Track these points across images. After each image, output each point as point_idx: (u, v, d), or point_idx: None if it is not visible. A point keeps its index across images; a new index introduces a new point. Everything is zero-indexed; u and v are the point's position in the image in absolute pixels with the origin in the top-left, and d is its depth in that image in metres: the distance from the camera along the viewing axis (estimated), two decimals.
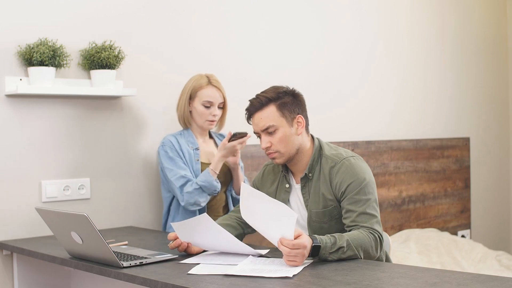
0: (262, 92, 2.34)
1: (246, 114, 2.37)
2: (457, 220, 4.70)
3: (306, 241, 1.99)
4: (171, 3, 3.31)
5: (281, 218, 1.99)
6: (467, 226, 4.78)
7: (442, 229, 4.54)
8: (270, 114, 2.29)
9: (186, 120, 3.01)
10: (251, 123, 2.36)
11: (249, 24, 3.64)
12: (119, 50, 2.99)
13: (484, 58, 4.95)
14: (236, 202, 3.03)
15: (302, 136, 2.34)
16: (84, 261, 2.24)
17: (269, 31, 3.72)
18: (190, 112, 3.00)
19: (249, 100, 2.36)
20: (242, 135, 2.82)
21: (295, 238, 1.98)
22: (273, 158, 2.33)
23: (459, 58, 4.77)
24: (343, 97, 4.07)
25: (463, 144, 4.74)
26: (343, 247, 2.08)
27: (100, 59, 2.91)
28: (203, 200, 2.85)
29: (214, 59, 3.47)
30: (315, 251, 2.03)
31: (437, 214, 4.55)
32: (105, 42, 2.99)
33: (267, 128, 2.29)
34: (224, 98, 3.00)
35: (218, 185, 2.85)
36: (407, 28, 4.44)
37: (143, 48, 3.21)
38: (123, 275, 2.04)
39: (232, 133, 2.83)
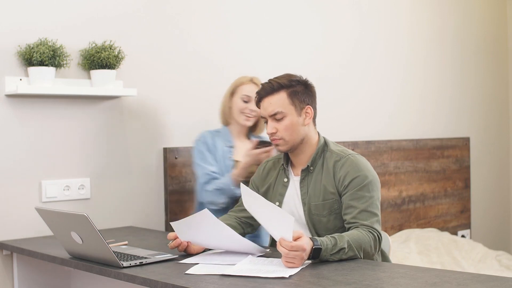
0: (275, 78, 2.33)
1: (256, 97, 2.35)
2: (457, 220, 4.70)
3: (306, 243, 1.98)
4: (171, 3, 3.31)
5: (279, 221, 2.00)
6: (467, 226, 4.78)
7: (442, 229, 4.54)
8: (279, 101, 2.28)
9: (227, 116, 3.01)
10: (260, 107, 2.34)
11: (249, 24, 3.64)
12: (119, 50, 2.99)
13: (484, 58, 4.95)
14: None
15: (309, 127, 2.34)
16: (84, 261, 2.24)
17: (269, 31, 3.72)
18: (230, 108, 2.99)
19: (261, 84, 2.34)
20: (268, 144, 2.75)
21: (295, 240, 1.98)
22: (277, 145, 2.32)
23: (459, 58, 4.77)
24: (343, 97, 4.07)
25: (463, 144, 4.74)
26: (344, 248, 2.08)
27: (100, 59, 2.91)
28: (222, 202, 2.84)
29: (214, 59, 3.47)
30: (316, 254, 2.03)
31: (437, 214, 4.55)
32: (105, 42, 2.99)
33: (275, 114, 2.28)
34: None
35: (238, 191, 2.78)
36: (407, 28, 4.44)
37: (143, 48, 3.21)
38: (123, 275, 2.04)
39: (258, 141, 2.79)
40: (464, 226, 4.75)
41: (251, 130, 3.05)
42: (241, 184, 2.12)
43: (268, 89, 2.29)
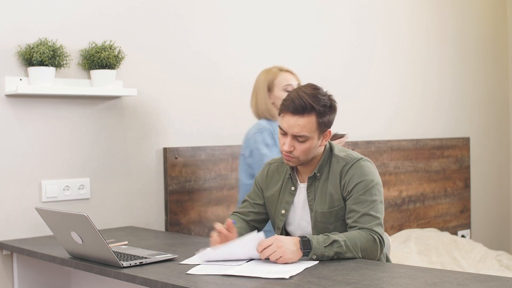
0: (305, 93, 2.19)
1: (281, 108, 2.23)
2: (457, 220, 4.70)
3: (279, 236, 2.08)
4: (171, 3, 3.31)
5: (250, 246, 2.07)
6: (467, 226, 4.78)
7: (442, 229, 4.54)
8: (308, 124, 2.19)
9: (272, 113, 2.95)
10: (283, 118, 2.22)
11: (250, 25, 3.64)
12: (119, 50, 2.99)
13: (484, 58, 4.95)
14: None
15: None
16: (84, 261, 2.24)
17: (270, 32, 3.72)
18: (273, 103, 2.96)
19: (291, 97, 2.20)
20: (341, 135, 2.87)
21: None
22: (288, 161, 2.27)
23: (459, 58, 4.77)
24: (343, 97, 4.04)
25: (463, 144, 4.74)
26: (337, 240, 2.08)
27: (100, 59, 2.91)
28: None
29: (215, 59, 3.47)
30: (306, 245, 2.05)
31: (437, 214, 4.55)
32: (105, 42, 2.99)
33: (299, 136, 2.20)
34: (299, 80, 2.98)
35: None
36: (407, 28, 4.44)
37: (143, 48, 3.21)
38: (123, 275, 2.04)
39: (332, 134, 2.82)
40: (464, 226, 4.75)
41: None
42: (197, 255, 2.17)
43: (300, 108, 2.17)
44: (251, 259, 2.13)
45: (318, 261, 2.06)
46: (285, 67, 3.02)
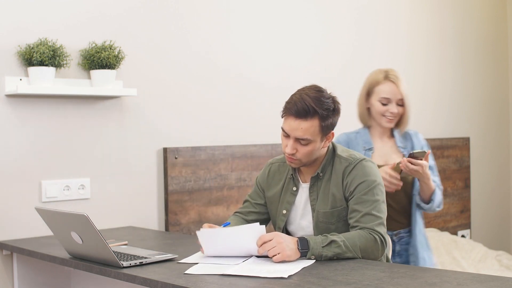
0: (308, 96, 2.18)
1: (284, 110, 2.22)
2: (457, 220, 4.70)
3: (276, 232, 2.09)
4: (171, 3, 3.31)
5: (249, 237, 2.07)
6: (467, 226, 4.78)
7: (442, 229, 4.54)
8: (311, 128, 2.18)
9: (366, 118, 2.80)
10: (285, 120, 2.21)
11: (250, 25, 3.64)
12: (119, 50, 2.99)
13: (484, 58, 4.95)
14: (418, 208, 2.78)
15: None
16: (84, 261, 2.24)
17: (270, 32, 3.72)
18: (368, 109, 2.79)
19: (294, 100, 2.20)
20: (424, 153, 2.58)
21: None
22: (290, 162, 2.27)
23: (459, 58, 4.77)
24: (343, 97, 4.04)
25: (463, 144, 4.74)
26: (335, 240, 2.07)
27: (100, 59, 2.91)
28: None
29: (215, 59, 3.47)
30: (304, 245, 2.05)
31: (437, 214, 4.54)
32: (105, 42, 2.99)
33: (302, 139, 2.20)
34: (402, 94, 2.71)
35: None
36: (407, 28, 4.44)
37: (143, 48, 3.21)
38: (123, 275, 2.04)
39: (410, 154, 2.59)
40: (464, 226, 4.75)
41: (395, 126, 2.81)
42: (197, 231, 2.14)
43: (303, 112, 2.16)
44: (250, 257, 2.13)
45: (316, 261, 2.06)
46: (394, 73, 2.74)
